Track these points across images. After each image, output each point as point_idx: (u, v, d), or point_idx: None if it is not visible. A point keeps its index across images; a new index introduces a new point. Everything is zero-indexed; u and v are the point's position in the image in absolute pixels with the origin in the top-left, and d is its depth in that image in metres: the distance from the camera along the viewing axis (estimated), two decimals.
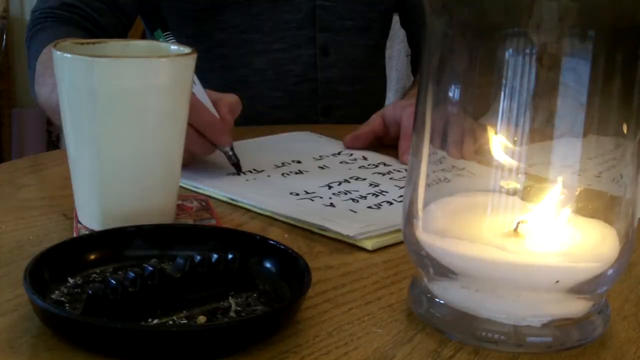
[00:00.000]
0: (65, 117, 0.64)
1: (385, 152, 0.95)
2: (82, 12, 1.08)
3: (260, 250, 0.58)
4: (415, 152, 0.54)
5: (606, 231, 0.52)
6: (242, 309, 0.52)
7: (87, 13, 1.08)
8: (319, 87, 1.19)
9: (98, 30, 1.09)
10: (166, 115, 0.64)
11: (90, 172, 0.64)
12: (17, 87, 3.02)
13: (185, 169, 0.71)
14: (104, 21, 1.09)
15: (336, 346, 0.50)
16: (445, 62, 0.52)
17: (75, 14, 1.08)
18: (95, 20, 1.09)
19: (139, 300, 0.50)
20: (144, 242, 0.59)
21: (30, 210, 0.71)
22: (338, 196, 0.77)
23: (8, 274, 0.58)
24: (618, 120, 0.51)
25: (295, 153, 0.92)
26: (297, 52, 1.17)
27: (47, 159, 0.88)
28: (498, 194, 0.51)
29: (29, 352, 0.48)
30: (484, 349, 0.51)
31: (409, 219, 0.54)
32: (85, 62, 0.61)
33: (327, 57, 1.19)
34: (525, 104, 0.49)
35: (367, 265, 0.63)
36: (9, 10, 2.98)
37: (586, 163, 0.51)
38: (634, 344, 0.53)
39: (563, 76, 0.49)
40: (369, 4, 1.23)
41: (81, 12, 1.08)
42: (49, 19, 1.07)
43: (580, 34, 0.49)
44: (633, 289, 0.61)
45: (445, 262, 0.52)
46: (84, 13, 1.08)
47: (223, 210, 0.74)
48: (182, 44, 0.68)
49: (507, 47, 0.49)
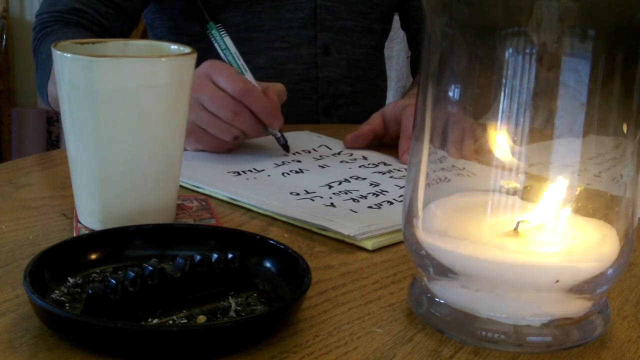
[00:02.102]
0: (65, 117, 0.64)
1: (385, 151, 0.95)
2: (89, 17, 1.09)
3: (260, 250, 0.58)
4: (415, 152, 0.54)
5: (606, 231, 0.52)
6: (242, 309, 0.52)
7: (94, 17, 1.09)
8: (320, 86, 1.19)
9: (105, 33, 1.10)
10: (166, 115, 0.64)
11: (90, 172, 0.64)
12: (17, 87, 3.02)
13: (185, 168, 0.71)
14: (111, 25, 1.11)
15: (336, 346, 0.50)
16: (445, 62, 0.52)
17: (84, 19, 1.09)
18: (102, 24, 1.10)
19: (139, 300, 0.50)
20: (144, 242, 0.59)
21: (30, 210, 0.71)
22: (338, 196, 0.77)
23: (8, 274, 0.58)
24: (618, 120, 0.51)
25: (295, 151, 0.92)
26: (298, 51, 1.17)
27: (47, 159, 0.88)
28: (498, 194, 0.51)
29: (29, 352, 0.48)
30: (484, 349, 0.51)
31: (409, 218, 0.54)
32: (85, 62, 0.61)
33: (328, 56, 1.19)
34: (525, 104, 0.49)
35: (367, 265, 0.63)
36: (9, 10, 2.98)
37: (586, 163, 0.51)
38: (634, 344, 0.53)
39: (563, 76, 0.49)
40: (371, 5, 1.23)
41: (89, 16, 1.09)
42: (58, 22, 1.08)
43: (580, 34, 0.49)
44: (633, 289, 0.61)
45: (445, 262, 0.52)
46: (91, 17, 1.09)
47: (223, 210, 0.74)
48: (182, 42, 0.68)
49: (507, 47, 0.49)
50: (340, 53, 1.20)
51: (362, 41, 1.23)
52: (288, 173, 0.85)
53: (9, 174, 0.81)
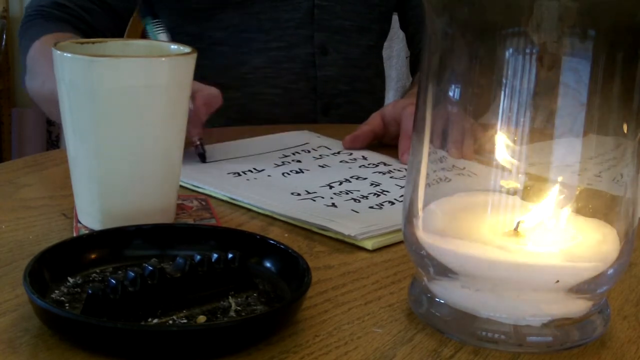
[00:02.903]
0: (65, 117, 0.64)
1: (385, 152, 0.95)
2: (72, 12, 1.10)
3: (260, 250, 0.58)
4: (415, 152, 0.54)
5: (606, 231, 0.52)
6: (242, 309, 0.52)
7: (78, 13, 1.10)
8: (318, 85, 1.19)
9: (89, 29, 1.11)
10: (166, 114, 0.64)
11: (90, 172, 0.64)
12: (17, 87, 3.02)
13: (185, 168, 0.71)
14: (95, 21, 1.11)
15: (336, 346, 0.50)
16: (445, 62, 0.52)
17: (66, 13, 1.10)
18: (85, 19, 1.11)
19: (139, 300, 0.50)
20: (144, 241, 0.59)
21: (30, 210, 0.71)
22: (339, 196, 0.77)
23: (8, 274, 0.58)
24: (618, 120, 0.51)
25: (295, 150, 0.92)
26: (295, 50, 1.17)
27: (47, 159, 0.88)
28: (498, 194, 0.51)
29: (29, 352, 0.48)
30: (484, 349, 0.51)
31: (409, 218, 0.54)
32: (85, 62, 0.61)
33: (326, 56, 1.19)
34: (525, 104, 0.49)
35: (367, 265, 0.63)
36: (9, 10, 2.98)
37: (586, 163, 0.51)
38: (634, 344, 0.53)
39: (563, 76, 0.49)
40: (369, 5, 1.23)
41: (72, 11, 1.10)
42: (39, 17, 1.09)
43: (580, 33, 0.49)
44: (633, 289, 0.61)
45: (445, 262, 0.52)
46: (75, 12, 1.10)
47: (223, 210, 0.74)
48: (181, 42, 0.68)
49: (507, 47, 0.49)
50: (338, 52, 1.20)
51: (360, 41, 1.23)
52: (288, 173, 0.84)
53: (9, 174, 0.81)
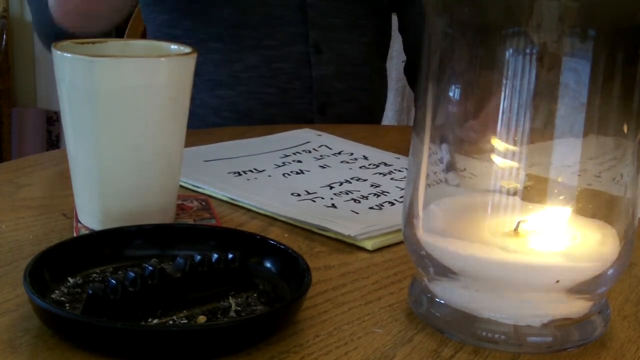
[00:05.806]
0: (65, 117, 0.64)
1: (386, 150, 0.94)
2: None
3: (260, 250, 0.58)
4: (415, 152, 0.54)
5: (606, 231, 0.52)
6: (242, 309, 0.52)
7: None
8: (314, 84, 1.18)
9: None
10: (166, 114, 0.64)
11: (90, 172, 0.64)
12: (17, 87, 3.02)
13: (185, 168, 0.71)
14: None
15: (336, 346, 0.50)
16: (445, 62, 0.52)
17: None
18: None
19: (139, 300, 0.50)
20: (144, 242, 0.59)
21: (30, 210, 0.71)
22: (339, 196, 0.77)
23: (8, 274, 0.58)
24: (618, 120, 0.51)
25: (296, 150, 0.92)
26: (288, 49, 1.16)
27: (47, 159, 0.88)
28: (498, 194, 0.51)
29: (29, 352, 0.48)
30: (484, 349, 0.51)
31: (409, 219, 0.54)
32: (85, 62, 0.61)
33: (321, 54, 1.18)
34: (525, 104, 0.49)
35: (367, 265, 0.63)
36: (9, 10, 2.98)
37: (586, 163, 0.51)
38: (634, 344, 0.53)
39: (563, 76, 0.49)
40: (359, 0, 1.21)
41: None
42: None
43: (580, 33, 0.49)
44: (633, 289, 0.61)
45: (445, 262, 0.52)
46: None
47: (223, 210, 0.74)
48: (177, 36, 0.68)
49: (507, 47, 0.49)
50: (332, 51, 1.19)
51: (354, 38, 1.21)
52: (289, 174, 0.84)
53: (9, 174, 0.81)
